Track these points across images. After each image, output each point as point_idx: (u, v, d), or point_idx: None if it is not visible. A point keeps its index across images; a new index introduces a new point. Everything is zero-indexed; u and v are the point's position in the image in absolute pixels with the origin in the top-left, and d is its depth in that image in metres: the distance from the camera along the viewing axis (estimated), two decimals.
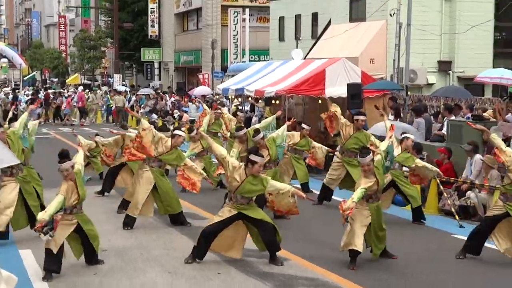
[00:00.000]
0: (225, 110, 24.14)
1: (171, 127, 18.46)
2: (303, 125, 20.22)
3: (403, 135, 16.45)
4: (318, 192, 18.93)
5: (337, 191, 18.54)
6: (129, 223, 15.54)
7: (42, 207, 13.96)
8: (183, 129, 18.07)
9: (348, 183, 17.93)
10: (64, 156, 11.84)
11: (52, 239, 11.48)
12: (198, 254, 12.55)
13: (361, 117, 17.77)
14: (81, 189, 11.84)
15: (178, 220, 15.85)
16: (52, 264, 11.61)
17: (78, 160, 12.23)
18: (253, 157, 12.24)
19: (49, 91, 55.17)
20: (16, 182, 14.23)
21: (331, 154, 20.24)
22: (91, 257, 12.32)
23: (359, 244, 12.26)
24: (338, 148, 19.03)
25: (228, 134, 21.94)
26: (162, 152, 15.41)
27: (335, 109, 18.28)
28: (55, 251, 11.56)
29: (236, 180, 12.30)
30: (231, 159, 12.76)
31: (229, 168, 12.38)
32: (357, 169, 17.47)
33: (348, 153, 17.87)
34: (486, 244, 13.33)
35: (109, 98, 50.39)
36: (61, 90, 57.89)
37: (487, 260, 13.05)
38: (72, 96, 50.72)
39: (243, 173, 12.29)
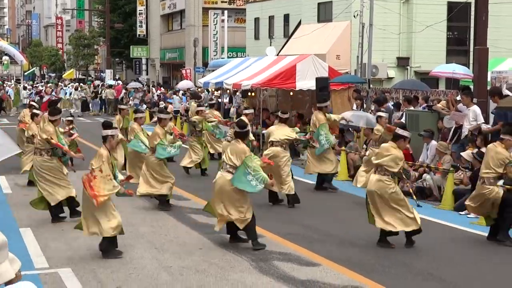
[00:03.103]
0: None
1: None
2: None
3: (377, 114, 16.68)
4: None
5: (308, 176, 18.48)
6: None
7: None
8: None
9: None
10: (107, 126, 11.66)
11: None
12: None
13: (283, 115, 16.85)
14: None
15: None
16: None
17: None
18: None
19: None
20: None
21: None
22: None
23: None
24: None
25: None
26: None
27: None
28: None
29: None
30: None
31: None
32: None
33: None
34: (451, 225, 13.28)
35: (103, 91, 50.13)
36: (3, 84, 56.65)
37: (455, 237, 13.01)
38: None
39: None
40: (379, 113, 16.84)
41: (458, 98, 18.79)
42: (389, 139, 12.74)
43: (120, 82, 55.24)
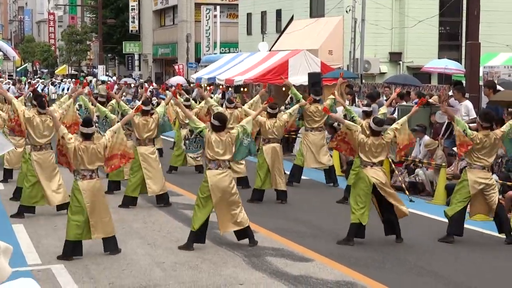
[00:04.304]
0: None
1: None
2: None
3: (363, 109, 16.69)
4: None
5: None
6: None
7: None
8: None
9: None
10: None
11: None
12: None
13: (272, 110, 16.03)
14: None
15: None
16: None
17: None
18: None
19: None
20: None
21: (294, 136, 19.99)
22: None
23: None
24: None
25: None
26: None
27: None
28: None
29: None
30: None
31: None
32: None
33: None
34: (443, 219, 13.24)
35: (95, 87, 49.92)
36: None
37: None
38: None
39: None
40: (365, 108, 16.54)
41: (450, 93, 18.81)
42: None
43: (115, 78, 55.06)
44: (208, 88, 33.32)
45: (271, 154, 15.67)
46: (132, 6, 66.29)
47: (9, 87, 50.78)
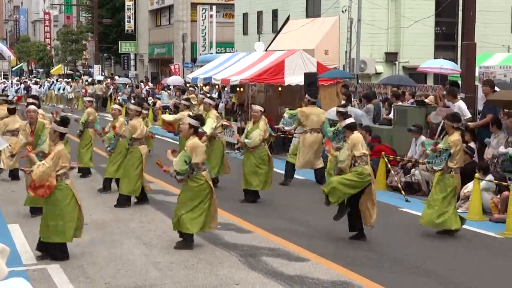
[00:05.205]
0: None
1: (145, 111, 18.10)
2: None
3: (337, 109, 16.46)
4: None
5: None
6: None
7: None
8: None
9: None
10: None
11: None
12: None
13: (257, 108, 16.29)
14: None
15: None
16: None
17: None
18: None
19: None
20: None
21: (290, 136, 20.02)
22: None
23: None
24: None
25: None
26: None
27: None
28: None
29: None
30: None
31: None
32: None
33: None
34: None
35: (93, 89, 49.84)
36: None
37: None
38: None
39: None
40: (340, 109, 16.25)
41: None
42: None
43: (117, 77, 54.96)
44: (204, 88, 33.36)
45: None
46: (128, 5, 66.25)
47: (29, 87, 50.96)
